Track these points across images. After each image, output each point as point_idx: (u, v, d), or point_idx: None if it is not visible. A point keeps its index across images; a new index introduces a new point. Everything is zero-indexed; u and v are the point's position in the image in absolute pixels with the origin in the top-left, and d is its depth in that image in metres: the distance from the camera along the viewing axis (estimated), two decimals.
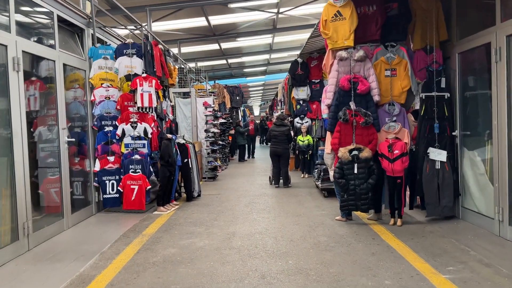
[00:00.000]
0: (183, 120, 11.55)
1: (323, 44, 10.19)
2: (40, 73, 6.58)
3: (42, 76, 6.61)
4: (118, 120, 6.98)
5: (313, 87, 11.40)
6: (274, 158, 9.69)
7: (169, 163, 7.05)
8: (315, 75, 11.39)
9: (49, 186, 6.00)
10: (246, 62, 23.10)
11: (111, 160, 6.96)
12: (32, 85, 6.45)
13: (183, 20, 13.47)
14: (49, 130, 6.79)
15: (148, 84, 6.92)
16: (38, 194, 5.91)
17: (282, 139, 9.52)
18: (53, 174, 5.95)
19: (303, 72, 11.33)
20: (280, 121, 9.67)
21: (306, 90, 11.38)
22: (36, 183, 5.91)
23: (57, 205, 5.87)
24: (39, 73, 6.56)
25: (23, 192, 4.78)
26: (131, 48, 6.98)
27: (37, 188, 5.95)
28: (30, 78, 6.30)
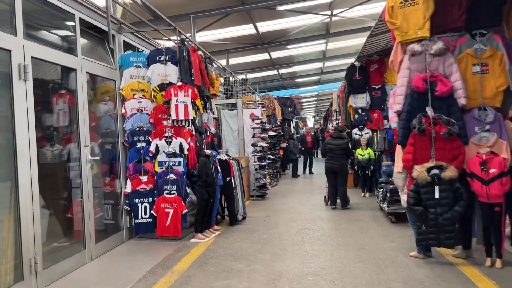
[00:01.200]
0: (229, 133, 10.70)
1: (385, 43, 8.94)
2: (70, 85, 6.00)
3: (73, 88, 6.04)
4: (151, 135, 6.20)
5: (373, 93, 10.10)
6: (330, 175, 8.50)
7: (207, 183, 6.13)
8: (376, 80, 10.09)
9: (75, 209, 5.32)
10: (298, 72, 22.08)
11: (143, 180, 6.18)
12: (62, 98, 5.87)
13: (230, 29, 12.78)
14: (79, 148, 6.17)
15: (183, 93, 6.10)
16: (65, 219, 5.24)
17: (339, 154, 8.31)
18: (77, 197, 5.25)
19: (361, 77, 10.08)
20: (337, 133, 8.48)
21: (365, 97, 10.09)
22: (66, 206, 5.28)
23: (79, 233, 5.13)
24: (69, 85, 5.98)
25: (30, 222, 4.04)
26: (164, 54, 6.21)
27: (67, 211, 5.32)
28: (60, 91, 5.76)
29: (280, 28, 13.27)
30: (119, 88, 6.14)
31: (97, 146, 6.22)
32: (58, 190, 5.20)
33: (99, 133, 6.25)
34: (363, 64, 10.24)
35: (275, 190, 11.85)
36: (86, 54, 5.42)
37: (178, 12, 10.58)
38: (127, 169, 6.16)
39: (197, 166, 6.22)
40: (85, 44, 5.58)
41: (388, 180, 7.85)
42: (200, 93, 7.19)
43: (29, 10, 4.39)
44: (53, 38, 4.99)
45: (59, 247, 4.95)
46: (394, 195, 6.84)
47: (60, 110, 5.94)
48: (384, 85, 10.06)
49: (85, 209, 5.09)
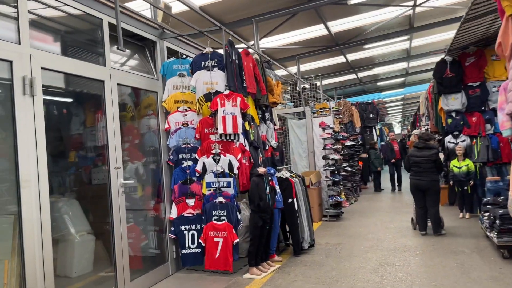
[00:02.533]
0: (298, 145, 9.65)
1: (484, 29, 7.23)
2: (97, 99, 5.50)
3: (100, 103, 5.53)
4: (198, 152, 5.42)
5: (471, 93, 8.35)
6: (417, 194, 7.00)
7: (261, 208, 5.15)
8: (473, 76, 8.35)
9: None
10: (380, 75, 20.25)
11: (190, 204, 5.40)
12: (90, 115, 5.37)
13: (299, 31, 11.79)
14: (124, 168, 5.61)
15: (231, 103, 5.23)
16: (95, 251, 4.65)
17: (427, 168, 6.80)
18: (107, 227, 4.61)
19: (454, 74, 8.40)
20: (423, 142, 6.97)
21: (459, 97, 8.38)
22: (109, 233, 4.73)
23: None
24: (96, 99, 5.47)
25: (37, 264, 3.41)
26: (210, 59, 5.41)
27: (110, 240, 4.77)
28: (86, 107, 5.25)
29: (355, 26, 11.93)
30: (161, 101, 5.46)
31: (141, 166, 5.61)
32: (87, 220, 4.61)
33: (143, 151, 5.65)
34: (455, 58, 8.55)
35: (354, 207, 10.46)
36: (124, 64, 4.82)
37: (239, 17, 9.88)
38: (172, 192, 5.43)
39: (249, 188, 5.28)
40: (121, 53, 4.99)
41: (495, 200, 6.17)
42: (255, 101, 6.30)
43: (42, 14, 3.86)
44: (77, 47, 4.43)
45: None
46: (506, 223, 5.22)
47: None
48: (485, 82, 8.27)
49: (117, 242, 4.39)
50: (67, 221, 4.74)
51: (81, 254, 4.49)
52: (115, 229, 4.39)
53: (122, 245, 4.45)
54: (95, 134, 5.62)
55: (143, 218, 5.56)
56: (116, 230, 4.40)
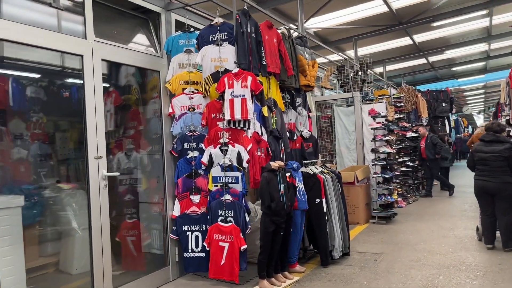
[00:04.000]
0: (344, 135, 8.55)
1: None
2: (118, 81, 4.97)
3: (122, 85, 5.00)
4: (204, 141, 4.67)
5: None
6: (484, 199, 5.64)
7: (272, 210, 4.28)
8: None
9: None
10: (455, 59, 17.97)
11: (195, 201, 4.70)
12: (109, 97, 4.89)
13: (354, 8, 10.52)
14: (128, 157, 5.10)
15: (241, 83, 4.40)
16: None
17: (496, 166, 5.42)
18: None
19: None
20: (491, 135, 5.57)
21: None
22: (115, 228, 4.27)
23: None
24: (118, 81, 4.95)
25: None
26: (219, 32, 4.60)
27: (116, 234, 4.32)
28: (108, 89, 4.78)
29: (421, 0, 10.37)
30: (164, 81, 4.78)
31: (146, 155, 5.04)
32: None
33: (149, 138, 5.05)
34: None
35: (411, 208, 9.11)
36: (127, 39, 4.20)
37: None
38: (176, 186, 4.76)
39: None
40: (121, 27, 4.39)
41: None
42: (281, 83, 5.41)
43: None
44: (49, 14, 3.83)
45: None
46: None
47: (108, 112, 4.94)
48: None
49: (95, 243, 3.80)
50: (70, 213, 4.31)
51: (83, 250, 3.99)
52: (94, 229, 3.80)
53: (102, 248, 3.86)
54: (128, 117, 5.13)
55: (145, 214, 4.98)
56: (95, 230, 3.80)
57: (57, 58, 3.83)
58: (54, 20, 3.75)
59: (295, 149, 5.65)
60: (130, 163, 5.03)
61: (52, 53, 3.61)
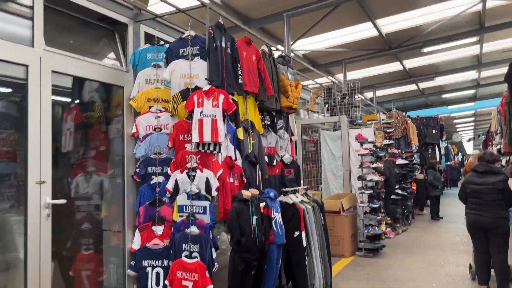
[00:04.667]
0: (330, 161, 8.13)
1: None
2: (81, 96, 4.53)
3: (85, 101, 4.55)
4: (171, 165, 4.20)
5: None
6: (477, 235, 5.20)
7: (242, 246, 3.79)
8: None
9: None
10: (446, 86, 17.86)
11: (157, 233, 4.18)
12: (70, 114, 4.45)
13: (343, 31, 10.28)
14: (87, 180, 4.60)
15: (211, 102, 3.97)
16: None
17: (490, 200, 5.00)
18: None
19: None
20: (485, 165, 5.17)
21: None
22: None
23: None
24: (81, 96, 4.51)
25: None
26: (191, 46, 4.19)
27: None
28: (70, 105, 4.34)
29: (411, 25, 10.16)
30: (128, 97, 4.34)
31: (107, 179, 4.55)
32: None
33: (111, 160, 4.57)
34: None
35: (400, 239, 8.63)
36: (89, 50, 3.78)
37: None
38: (137, 215, 4.25)
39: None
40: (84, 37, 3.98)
41: None
42: (260, 104, 5.00)
43: None
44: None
45: None
46: None
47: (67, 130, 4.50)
48: None
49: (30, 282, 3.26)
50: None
51: None
52: (30, 267, 3.25)
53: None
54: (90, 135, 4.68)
55: (103, 245, 4.46)
56: (32, 267, 3.27)
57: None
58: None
59: (275, 176, 5.19)
60: (89, 187, 4.53)
61: None
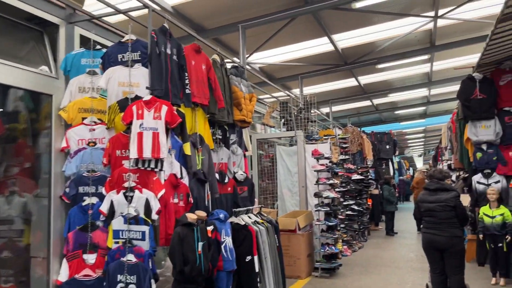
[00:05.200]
0: (286, 177, 7.85)
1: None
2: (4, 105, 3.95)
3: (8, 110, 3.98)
4: (106, 184, 3.72)
5: (507, 120, 6.46)
6: (432, 255, 5.03)
7: (186, 275, 3.36)
8: (510, 99, 6.48)
9: None
10: (398, 102, 18.37)
11: (89, 262, 3.66)
12: None
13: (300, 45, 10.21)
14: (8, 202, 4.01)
15: (153, 114, 3.55)
16: None
17: (445, 218, 4.85)
18: None
19: (484, 95, 6.56)
20: (435, 182, 5.05)
21: (492, 125, 6.49)
22: None
23: None
24: (4, 105, 3.94)
25: None
26: (131, 51, 3.78)
27: None
28: None
29: (366, 41, 10.27)
30: (58, 107, 3.83)
31: (32, 200, 3.97)
32: None
33: (38, 179, 4.01)
34: (487, 76, 6.72)
35: (357, 257, 8.46)
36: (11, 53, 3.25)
37: (223, 22, 8.39)
38: (65, 241, 3.71)
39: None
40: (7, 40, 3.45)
41: None
42: (211, 116, 4.64)
43: None
44: None
45: None
46: None
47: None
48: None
49: None
50: None
51: None
52: None
53: None
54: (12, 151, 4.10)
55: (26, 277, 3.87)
56: None
57: None
58: None
59: (226, 194, 4.81)
60: (11, 209, 3.95)
61: None
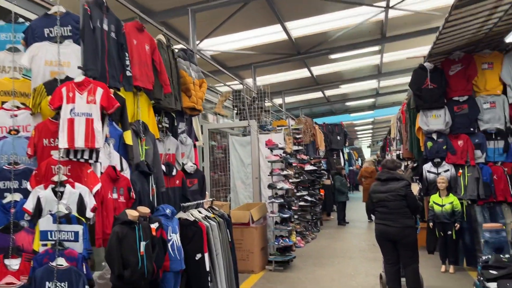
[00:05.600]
0: (240, 169, 7.58)
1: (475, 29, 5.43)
2: None
3: None
4: (31, 178, 3.22)
5: (456, 109, 6.56)
6: (386, 246, 4.95)
7: (126, 281, 2.98)
8: (459, 88, 6.58)
9: None
10: (349, 94, 18.63)
11: (12, 268, 3.16)
12: None
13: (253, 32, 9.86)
14: None
15: (86, 97, 3.10)
16: None
17: (397, 208, 4.79)
18: None
19: (435, 85, 6.60)
20: (386, 172, 4.98)
21: (442, 115, 6.57)
22: None
23: None
24: None
25: None
26: (60, 25, 3.28)
27: None
28: None
29: (318, 30, 10.12)
30: None
31: None
32: None
33: None
34: (438, 66, 6.78)
35: (310, 248, 8.38)
36: None
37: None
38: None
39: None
40: None
41: (499, 261, 4.25)
42: (156, 102, 4.22)
43: None
44: None
45: None
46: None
47: None
48: (474, 96, 6.51)
49: None
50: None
51: None
52: None
53: None
54: None
55: None
56: None
57: None
58: None
59: (174, 188, 4.42)
60: None
61: None
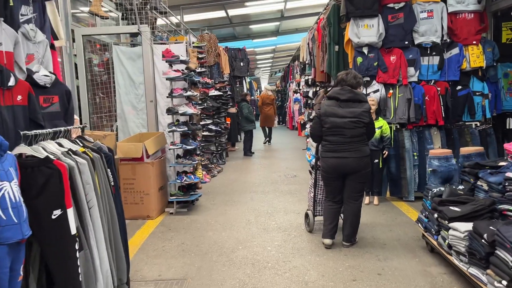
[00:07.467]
0: (129, 90, 5.90)
1: None
2: None
3: None
4: None
5: (390, 19, 5.63)
6: (334, 182, 3.95)
7: None
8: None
9: None
10: (252, 15, 17.10)
11: None
12: None
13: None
14: None
15: None
16: None
17: (355, 135, 3.80)
18: None
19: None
20: (348, 90, 3.87)
21: (376, 25, 5.60)
22: None
23: None
24: None
25: None
26: None
27: None
28: None
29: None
30: None
31: None
32: None
33: None
34: None
35: (217, 183, 7.29)
36: None
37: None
38: None
39: None
40: None
41: (454, 193, 3.56)
42: None
43: None
44: None
45: None
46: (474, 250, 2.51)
47: None
48: (411, 3, 5.61)
49: None
50: None
51: None
52: None
53: None
54: None
55: None
56: None
57: None
58: None
59: (13, 106, 2.75)
60: None
61: None
